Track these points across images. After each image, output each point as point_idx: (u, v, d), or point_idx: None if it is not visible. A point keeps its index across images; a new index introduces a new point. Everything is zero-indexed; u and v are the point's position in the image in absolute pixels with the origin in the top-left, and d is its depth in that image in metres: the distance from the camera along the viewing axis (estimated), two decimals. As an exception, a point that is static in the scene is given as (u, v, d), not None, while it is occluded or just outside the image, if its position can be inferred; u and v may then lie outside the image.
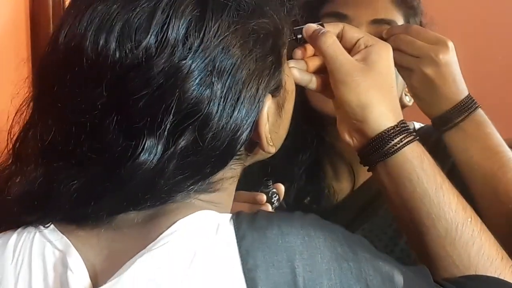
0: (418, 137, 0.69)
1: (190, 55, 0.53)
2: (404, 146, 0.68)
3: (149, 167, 0.52)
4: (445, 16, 1.08)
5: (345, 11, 0.98)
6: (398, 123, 0.68)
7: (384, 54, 0.71)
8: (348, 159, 1.05)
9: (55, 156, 0.55)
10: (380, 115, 0.68)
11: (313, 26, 0.72)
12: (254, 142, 0.60)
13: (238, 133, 0.56)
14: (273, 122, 0.61)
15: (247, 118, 0.56)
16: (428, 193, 0.67)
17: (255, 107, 0.57)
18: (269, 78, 0.59)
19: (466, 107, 0.89)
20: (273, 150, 0.61)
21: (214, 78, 0.54)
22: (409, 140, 0.68)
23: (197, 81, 0.53)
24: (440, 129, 0.89)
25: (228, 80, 0.55)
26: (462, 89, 0.88)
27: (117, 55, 0.53)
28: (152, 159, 0.52)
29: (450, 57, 0.86)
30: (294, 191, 1.05)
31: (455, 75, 0.87)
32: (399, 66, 0.85)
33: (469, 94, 0.89)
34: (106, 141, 0.53)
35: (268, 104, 0.59)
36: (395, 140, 0.68)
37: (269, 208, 0.92)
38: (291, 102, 0.65)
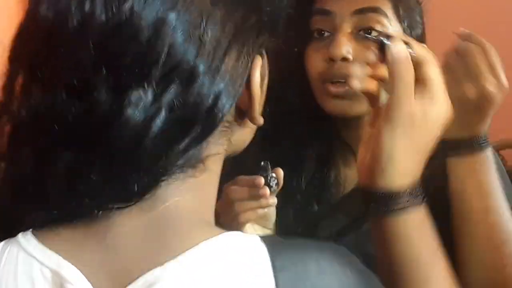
0: (425, 199, 0.68)
1: (176, 7, 0.53)
2: (408, 208, 0.67)
3: (137, 122, 0.51)
4: (445, 16, 1.07)
5: (329, 6, 1.00)
6: (412, 185, 0.67)
7: (440, 107, 0.68)
8: (356, 151, 1.06)
9: (39, 130, 0.54)
10: (401, 173, 0.67)
11: (402, 49, 0.68)
12: (242, 111, 0.60)
13: (227, 89, 0.55)
14: (261, 93, 0.61)
15: (236, 73, 0.56)
16: (420, 258, 0.68)
17: (245, 64, 0.57)
18: (256, 37, 0.59)
19: (483, 141, 0.90)
20: (261, 121, 0.61)
21: (202, 30, 0.54)
22: (416, 203, 0.67)
23: (184, 33, 0.53)
24: (447, 153, 0.90)
25: (216, 33, 0.55)
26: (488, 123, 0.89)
27: (103, 17, 0.52)
28: (140, 112, 0.51)
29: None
30: (304, 178, 1.06)
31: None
32: (461, 74, 0.85)
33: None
34: (94, 99, 0.52)
35: (260, 64, 0.59)
36: (402, 201, 0.67)
37: (267, 191, 0.92)
38: (266, 79, 0.64)
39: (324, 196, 1.08)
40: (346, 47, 0.97)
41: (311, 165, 1.09)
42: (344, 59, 0.97)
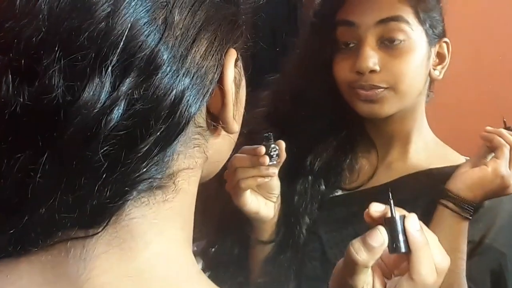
0: None
1: None
2: None
3: (90, 113, 0.43)
4: (449, 17, 1.09)
5: (352, 18, 1.04)
6: None
7: None
8: (377, 145, 1.14)
9: None
10: None
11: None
12: (215, 116, 0.52)
13: (195, 83, 0.48)
14: (234, 94, 0.53)
15: (205, 67, 0.49)
16: None
17: (216, 57, 0.50)
18: (230, 30, 0.52)
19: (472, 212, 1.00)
20: (236, 128, 0.53)
21: (168, 12, 0.47)
22: None
23: (147, 13, 0.46)
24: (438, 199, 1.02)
25: (184, 18, 0.48)
26: None
27: None
28: (94, 102, 0.43)
29: None
30: (319, 161, 1.12)
31: None
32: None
33: None
34: (44, 84, 0.43)
35: (234, 59, 0.51)
36: None
37: (267, 160, 0.96)
38: (244, 90, 0.58)
39: (335, 180, 1.14)
40: (372, 59, 1.02)
41: (329, 150, 1.14)
42: (372, 71, 1.02)
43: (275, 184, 1.06)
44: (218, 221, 1.16)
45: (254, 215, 1.04)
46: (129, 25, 0.45)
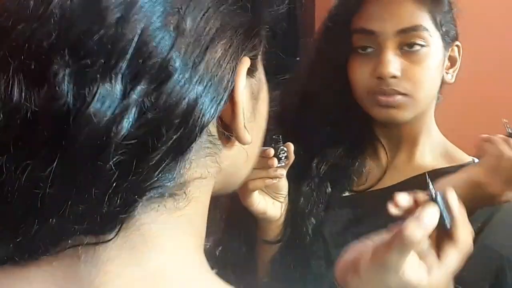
0: None
1: None
2: None
3: (101, 121, 0.42)
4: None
5: (371, 26, 1.04)
6: None
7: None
8: (387, 149, 1.15)
9: None
10: None
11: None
12: (226, 126, 0.50)
13: (208, 91, 0.46)
14: (248, 108, 0.52)
15: (219, 75, 0.47)
16: None
17: (230, 66, 0.48)
18: (245, 38, 0.50)
19: None
20: (248, 138, 0.51)
21: (181, 18, 0.45)
22: None
23: (159, 18, 0.45)
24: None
25: (197, 25, 0.46)
26: None
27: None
28: (105, 110, 0.42)
29: None
30: (326, 163, 1.13)
31: None
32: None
33: None
34: (54, 90, 0.42)
35: (245, 68, 0.50)
36: None
37: (275, 162, 0.97)
38: (266, 102, 0.57)
39: (343, 183, 1.15)
40: (394, 65, 1.02)
41: (337, 153, 1.15)
42: (394, 76, 1.03)
43: (283, 184, 1.07)
44: (225, 221, 1.17)
45: (262, 215, 1.05)
46: (140, 31, 0.44)
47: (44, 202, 0.43)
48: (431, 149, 1.14)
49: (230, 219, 1.16)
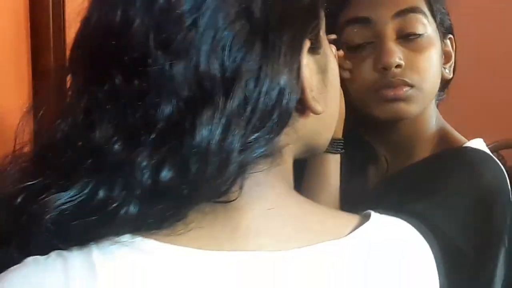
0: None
1: None
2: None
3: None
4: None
5: (366, 13, 0.98)
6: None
7: None
8: (384, 155, 1.08)
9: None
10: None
11: None
12: (300, 100, 0.58)
13: (289, 76, 0.55)
14: (317, 81, 0.60)
15: (294, 59, 0.56)
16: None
17: (295, 50, 0.56)
18: (304, 21, 0.58)
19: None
20: (319, 108, 0.59)
21: (250, 12, 0.54)
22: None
23: (227, 17, 0.53)
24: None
25: (265, 14, 0.54)
26: None
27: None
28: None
29: None
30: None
31: None
32: None
33: None
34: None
35: (306, 48, 0.57)
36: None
37: None
38: (336, 73, 0.65)
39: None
40: (397, 53, 0.97)
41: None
42: (398, 65, 0.97)
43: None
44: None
45: None
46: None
47: (191, 187, 0.52)
48: (431, 149, 1.06)
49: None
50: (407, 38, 0.98)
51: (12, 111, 1.06)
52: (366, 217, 0.62)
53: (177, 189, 0.51)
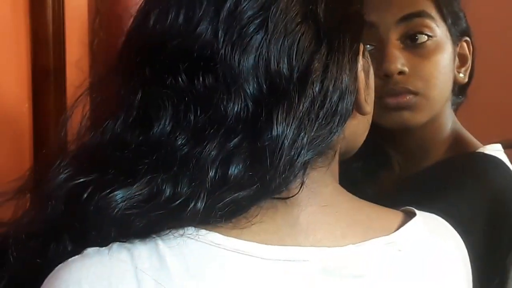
0: None
1: None
2: None
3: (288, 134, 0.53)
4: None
5: (369, 17, 0.93)
6: None
7: None
8: (397, 160, 1.05)
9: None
10: None
11: None
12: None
13: (349, 79, 0.57)
14: (364, 84, 0.62)
15: (351, 63, 0.58)
16: None
17: (355, 53, 0.59)
18: (359, 26, 0.61)
19: None
20: (368, 109, 0.62)
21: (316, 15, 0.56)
22: None
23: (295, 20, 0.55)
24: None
25: (330, 18, 0.57)
26: None
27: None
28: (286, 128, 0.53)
29: None
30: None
31: None
32: None
33: None
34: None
35: (361, 51, 0.60)
36: None
37: None
38: (373, 76, 0.66)
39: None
40: (400, 60, 0.93)
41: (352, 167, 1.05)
42: (401, 72, 0.94)
43: None
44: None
45: None
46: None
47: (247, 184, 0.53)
48: (443, 153, 1.03)
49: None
50: (412, 43, 0.94)
51: (12, 111, 1.07)
52: (409, 213, 0.64)
53: (245, 184, 0.52)
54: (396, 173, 1.06)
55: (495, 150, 1.00)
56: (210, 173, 0.52)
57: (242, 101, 0.53)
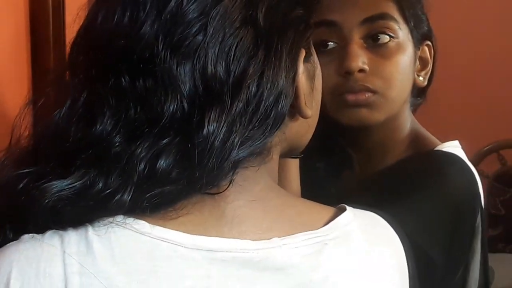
0: None
1: None
2: None
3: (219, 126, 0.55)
4: (445, 16, 1.06)
5: (332, 16, 0.95)
6: None
7: None
8: (357, 160, 1.06)
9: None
10: None
11: None
12: (292, 105, 0.62)
13: (286, 82, 0.58)
14: (307, 88, 0.63)
15: (289, 62, 0.59)
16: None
17: (294, 58, 0.60)
18: (301, 31, 0.62)
19: None
20: (309, 112, 0.63)
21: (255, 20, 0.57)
22: None
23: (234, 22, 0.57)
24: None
25: (269, 24, 0.58)
26: None
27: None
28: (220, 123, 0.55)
29: None
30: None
31: None
32: None
33: None
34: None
35: (302, 58, 0.62)
36: None
37: None
38: (320, 78, 0.68)
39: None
40: (361, 58, 0.94)
41: (316, 166, 1.08)
42: (361, 70, 0.95)
43: None
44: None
45: None
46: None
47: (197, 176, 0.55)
48: (402, 153, 1.04)
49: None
50: (374, 43, 0.95)
51: (12, 110, 1.07)
52: (341, 210, 0.65)
53: (173, 179, 0.55)
54: (357, 172, 1.06)
55: (453, 146, 1.01)
56: (139, 167, 0.54)
57: (178, 102, 0.55)
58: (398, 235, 0.68)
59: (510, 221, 2.45)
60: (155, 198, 0.55)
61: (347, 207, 0.65)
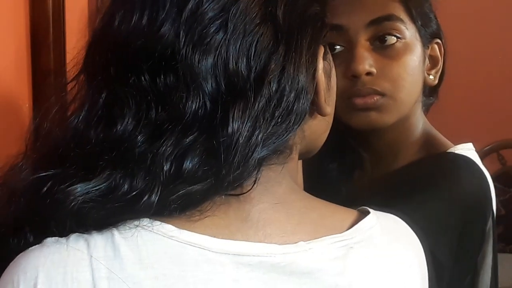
0: None
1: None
2: None
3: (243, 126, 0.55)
4: (446, 17, 1.06)
5: (339, 21, 0.95)
6: None
7: None
8: (368, 160, 1.06)
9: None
10: None
11: None
12: (312, 102, 0.61)
13: (307, 79, 0.59)
14: (325, 86, 0.63)
15: (308, 64, 0.59)
16: None
17: (313, 55, 0.60)
18: (320, 28, 0.62)
19: None
20: (328, 110, 0.64)
21: (275, 19, 0.58)
22: None
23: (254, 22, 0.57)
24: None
25: (289, 21, 0.58)
26: None
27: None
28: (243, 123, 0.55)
29: None
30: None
31: None
32: None
33: None
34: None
35: (321, 53, 0.62)
36: None
37: None
38: (335, 78, 0.68)
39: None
40: (368, 61, 0.94)
41: (329, 168, 1.08)
42: (369, 73, 0.94)
43: None
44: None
45: None
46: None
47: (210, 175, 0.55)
48: (414, 154, 1.03)
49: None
50: (381, 44, 0.95)
51: (12, 110, 1.07)
52: (363, 212, 0.65)
53: (199, 178, 0.54)
54: (368, 172, 1.06)
55: (466, 149, 1.00)
56: (165, 167, 0.54)
57: (200, 99, 0.55)
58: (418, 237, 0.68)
59: (510, 221, 2.45)
60: (182, 199, 0.54)
61: (370, 210, 0.65)
